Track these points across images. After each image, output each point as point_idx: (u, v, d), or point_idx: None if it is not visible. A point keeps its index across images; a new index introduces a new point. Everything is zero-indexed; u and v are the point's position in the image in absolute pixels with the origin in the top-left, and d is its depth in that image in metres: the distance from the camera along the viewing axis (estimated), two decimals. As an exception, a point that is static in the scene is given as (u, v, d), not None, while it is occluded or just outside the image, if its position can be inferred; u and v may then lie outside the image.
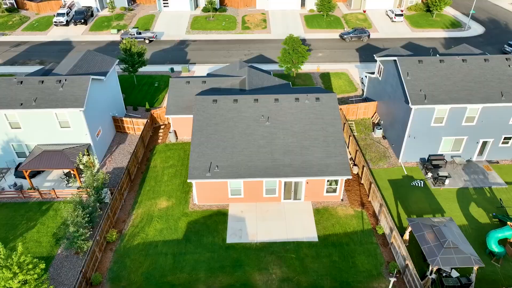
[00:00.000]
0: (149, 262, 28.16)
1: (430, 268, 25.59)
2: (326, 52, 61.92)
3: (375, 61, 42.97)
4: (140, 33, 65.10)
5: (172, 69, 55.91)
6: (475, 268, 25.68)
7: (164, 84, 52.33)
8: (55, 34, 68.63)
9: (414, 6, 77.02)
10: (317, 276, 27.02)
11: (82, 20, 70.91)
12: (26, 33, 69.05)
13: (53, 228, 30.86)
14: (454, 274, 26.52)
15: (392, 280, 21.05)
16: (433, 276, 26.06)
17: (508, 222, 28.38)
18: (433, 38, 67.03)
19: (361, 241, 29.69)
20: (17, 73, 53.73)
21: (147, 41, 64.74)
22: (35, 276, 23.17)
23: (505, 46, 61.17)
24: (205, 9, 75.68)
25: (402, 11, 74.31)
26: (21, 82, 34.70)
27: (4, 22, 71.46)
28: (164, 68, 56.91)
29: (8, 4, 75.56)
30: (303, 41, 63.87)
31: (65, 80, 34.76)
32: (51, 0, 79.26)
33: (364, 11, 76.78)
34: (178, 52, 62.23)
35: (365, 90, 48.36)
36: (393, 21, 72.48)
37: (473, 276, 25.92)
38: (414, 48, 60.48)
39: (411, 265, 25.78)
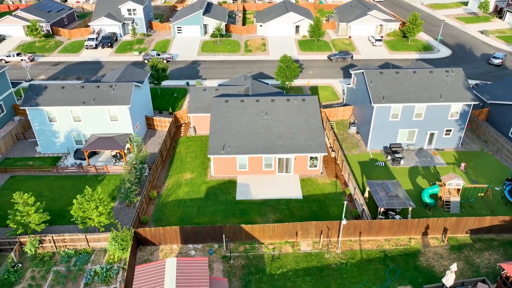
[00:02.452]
0: (181, 211, 39.81)
1: (379, 210, 37.30)
2: (315, 70, 75.01)
3: (350, 74, 55.73)
4: (159, 55, 78.40)
5: (187, 83, 68.76)
6: (410, 209, 37.42)
7: (182, 95, 65.03)
8: (86, 55, 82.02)
9: (392, 33, 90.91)
10: (301, 219, 38.56)
11: (109, 44, 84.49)
12: (62, 54, 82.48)
13: (107, 192, 42.53)
14: (397, 217, 38.11)
15: (345, 202, 32.75)
16: (382, 217, 37.68)
17: (437, 182, 40.26)
18: (407, 59, 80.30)
19: (334, 199, 41.38)
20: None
21: (164, 61, 77.84)
22: (108, 210, 34.89)
23: (491, 58, 75.55)
24: (213, 35, 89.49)
25: (382, 37, 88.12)
26: (83, 87, 47.28)
27: (42, 46, 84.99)
28: (181, 83, 69.75)
29: (45, 31, 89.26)
30: (297, 61, 77.03)
31: (115, 85, 47.35)
32: (81, 27, 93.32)
33: (350, 37, 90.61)
34: (192, 70, 75.34)
35: (344, 98, 60.98)
36: (373, 45, 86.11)
37: (409, 216, 37.58)
38: (389, 67, 73.28)
39: (366, 208, 37.50)
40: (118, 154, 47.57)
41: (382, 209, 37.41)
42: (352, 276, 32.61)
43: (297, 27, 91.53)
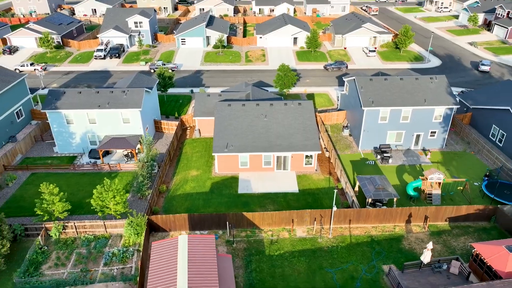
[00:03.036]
0: (188, 203, 44.08)
1: (367, 201, 41.61)
2: (312, 79, 79.93)
3: (343, 81, 60.51)
4: (164, 64, 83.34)
5: (192, 91, 73.57)
6: (395, 199, 41.74)
7: (187, 101, 69.76)
8: (96, 65, 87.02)
9: (385, 44, 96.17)
10: (297, 209, 42.83)
11: (117, 55, 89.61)
12: (72, 64, 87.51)
13: (121, 186, 46.76)
14: (384, 207, 42.37)
15: (335, 191, 37.15)
16: (370, 207, 41.95)
17: (420, 177, 44.66)
18: (399, 69, 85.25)
19: (327, 192, 45.67)
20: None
21: (170, 71, 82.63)
22: (124, 199, 39.22)
23: (480, 65, 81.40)
24: (215, 46, 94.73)
25: (375, 48, 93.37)
26: (98, 92, 51.97)
27: (53, 57, 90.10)
28: (185, 90, 74.57)
29: (56, 42, 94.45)
30: (295, 70, 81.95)
31: (127, 90, 52.03)
32: (90, 39, 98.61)
33: (345, 48, 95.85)
34: (195, 79, 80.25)
35: (338, 104, 65.68)
36: (367, 56, 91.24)
37: (394, 207, 41.86)
38: (379, 75, 78.22)
39: (355, 200, 41.83)
40: (129, 154, 52.03)
41: (370, 200, 41.75)
42: (342, 257, 36.78)
43: (295, 38, 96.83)
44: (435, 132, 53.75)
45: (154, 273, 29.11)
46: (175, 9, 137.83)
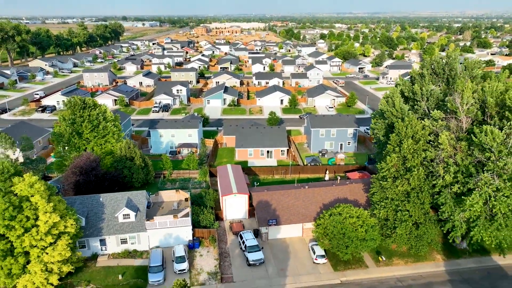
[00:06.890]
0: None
1: (308, 164, 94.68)
2: (291, 123, 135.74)
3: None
4: (198, 114, 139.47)
5: (217, 128, 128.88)
6: (320, 164, 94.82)
7: (215, 134, 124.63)
8: (153, 116, 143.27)
9: (340, 104, 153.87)
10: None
11: (166, 110, 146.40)
12: (138, 115, 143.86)
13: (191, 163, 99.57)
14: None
15: (291, 156, 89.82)
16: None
17: (334, 156, 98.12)
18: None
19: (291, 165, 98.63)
20: (144, 131, 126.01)
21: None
22: (196, 163, 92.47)
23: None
24: (229, 105, 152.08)
25: (333, 106, 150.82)
26: (175, 121, 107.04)
27: (125, 111, 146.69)
28: (213, 128, 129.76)
29: (125, 102, 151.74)
30: (281, 118, 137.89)
31: (190, 119, 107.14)
32: (146, 100, 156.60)
33: (314, 106, 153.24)
34: (218, 123, 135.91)
35: (303, 132, 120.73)
36: (328, 110, 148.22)
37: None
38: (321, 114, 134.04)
39: (302, 163, 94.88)
40: (192, 151, 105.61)
41: (309, 165, 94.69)
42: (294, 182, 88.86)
43: (282, 100, 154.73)
44: (350, 142, 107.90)
45: (221, 177, 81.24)
46: (197, 82, 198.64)
